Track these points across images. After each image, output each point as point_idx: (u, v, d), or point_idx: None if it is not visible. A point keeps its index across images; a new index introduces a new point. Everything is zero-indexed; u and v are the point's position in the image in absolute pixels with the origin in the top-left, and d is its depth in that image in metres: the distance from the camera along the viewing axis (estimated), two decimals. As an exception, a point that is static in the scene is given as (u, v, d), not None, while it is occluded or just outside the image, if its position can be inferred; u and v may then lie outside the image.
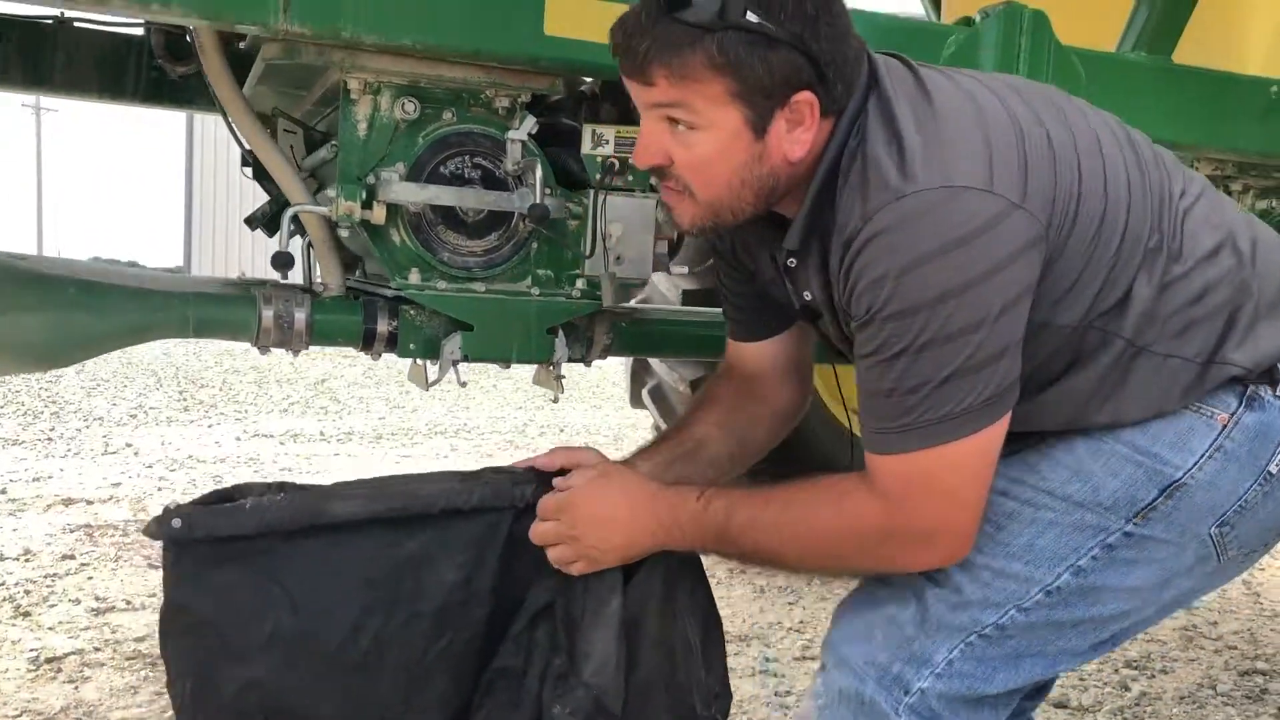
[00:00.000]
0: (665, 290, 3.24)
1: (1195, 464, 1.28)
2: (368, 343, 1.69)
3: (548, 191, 1.67)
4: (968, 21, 1.82)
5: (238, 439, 6.87)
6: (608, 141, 1.73)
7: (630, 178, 1.74)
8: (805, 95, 1.23)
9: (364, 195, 1.56)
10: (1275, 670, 3.42)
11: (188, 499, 1.36)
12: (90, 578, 3.86)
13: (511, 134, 1.64)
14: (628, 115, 1.75)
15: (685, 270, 2.05)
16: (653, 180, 1.40)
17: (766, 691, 2.95)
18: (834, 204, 1.27)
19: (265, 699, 1.27)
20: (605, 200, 1.70)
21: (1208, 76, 1.96)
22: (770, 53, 1.20)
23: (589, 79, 1.77)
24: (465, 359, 1.65)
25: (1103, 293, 1.26)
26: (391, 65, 1.56)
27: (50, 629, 3.33)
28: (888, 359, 1.20)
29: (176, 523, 1.26)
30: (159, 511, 1.28)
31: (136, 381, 9.64)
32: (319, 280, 1.69)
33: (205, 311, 1.61)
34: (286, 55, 1.52)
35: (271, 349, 1.66)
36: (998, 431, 1.22)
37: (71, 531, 4.49)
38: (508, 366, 1.76)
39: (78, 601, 3.59)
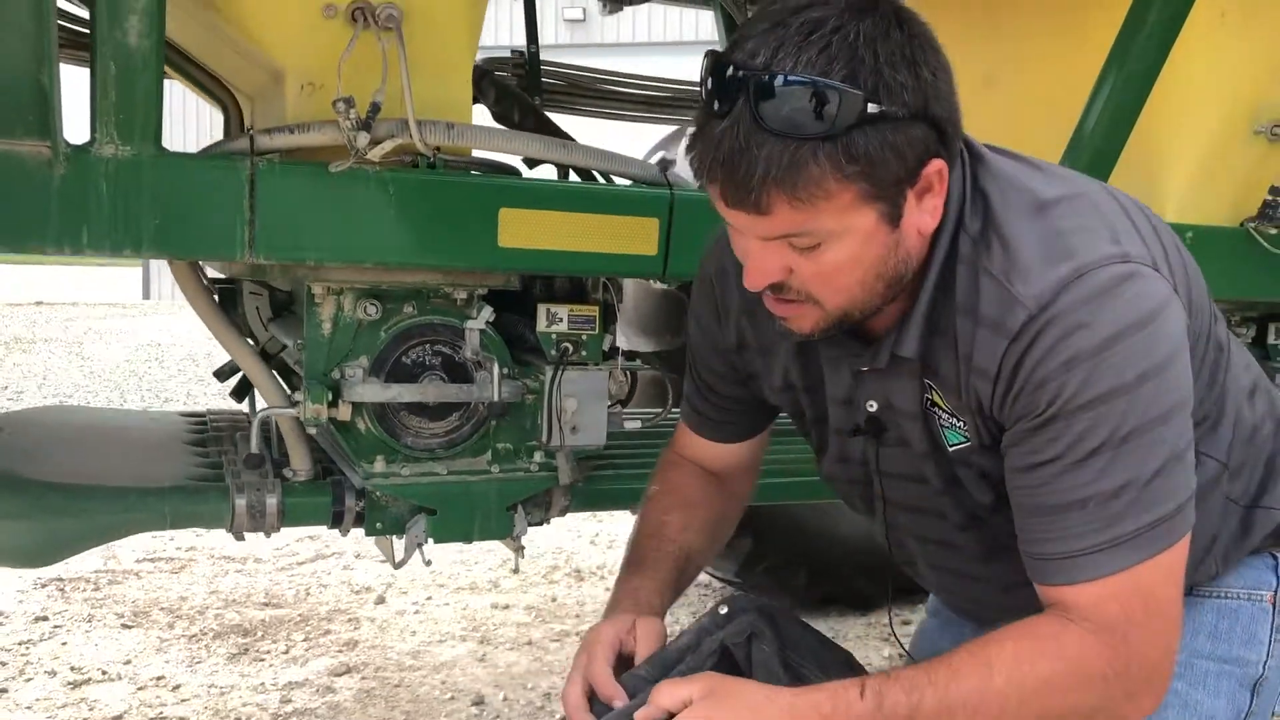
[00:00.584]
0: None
1: (1267, 653, 1.30)
2: (336, 522, 1.78)
3: (505, 372, 1.77)
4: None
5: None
6: (561, 319, 1.83)
7: (584, 352, 1.84)
8: (935, 164, 1.09)
9: (330, 396, 1.65)
10: None
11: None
12: (64, 643, 3.93)
13: (470, 324, 1.74)
14: (581, 293, 1.85)
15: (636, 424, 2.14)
16: (753, 290, 1.17)
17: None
18: (949, 293, 1.15)
19: None
20: (560, 376, 1.80)
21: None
22: (899, 138, 1.04)
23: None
24: (430, 540, 1.75)
25: (1196, 411, 1.15)
26: (354, 275, 1.65)
27: (28, 708, 3.41)
28: (1081, 459, 1.06)
29: None
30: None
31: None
32: (288, 468, 1.78)
33: (181, 507, 1.69)
34: (253, 272, 1.61)
35: (242, 533, 1.75)
36: (1184, 544, 1.10)
37: (43, 586, 4.55)
38: (469, 543, 1.87)
39: (54, 674, 3.66)
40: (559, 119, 3.18)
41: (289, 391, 1.78)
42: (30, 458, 1.77)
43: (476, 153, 1.67)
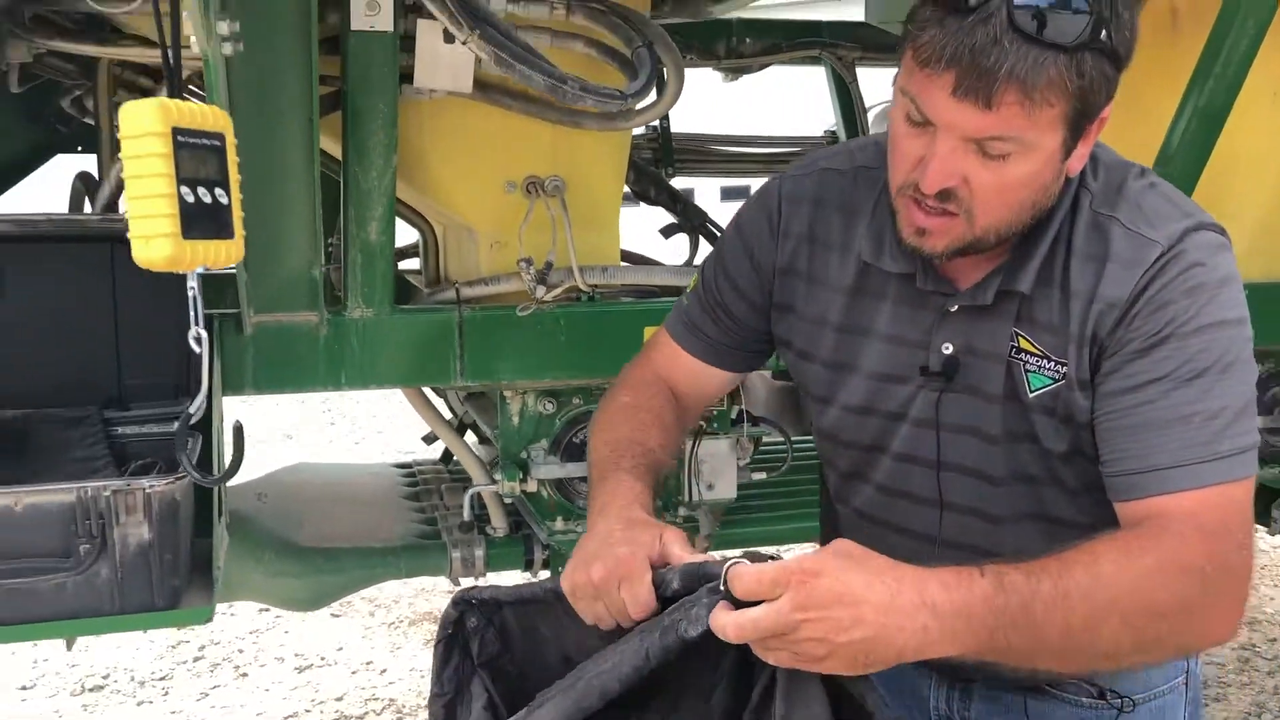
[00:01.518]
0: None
1: None
2: (528, 567, 2.27)
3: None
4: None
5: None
6: (698, 399, 2.26)
7: (715, 424, 2.26)
8: (1106, 111, 1.17)
9: (520, 474, 2.12)
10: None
11: None
12: (286, 632, 4.59)
13: (625, 410, 2.18)
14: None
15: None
16: (900, 193, 1.21)
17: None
18: (1063, 244, 1.23)
19: None
20: (697, 445, 2.23)
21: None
22: (1109, 72, 1.12)
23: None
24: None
25: None
26: (534, 384, 2.11)
27: (266, 690, 4.07)
28: (1190, 378, 1.14)
29: None
30: None
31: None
32: (490, 526, 2.27)
33: (411, 561, 2.20)
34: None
35: (459, 578, 2.25)
36: (1253, 483, 1.18)
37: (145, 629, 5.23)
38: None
39: (282, 660, 4.32)
40: (691, 181, 3.60)
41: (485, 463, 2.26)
42: (293, 521, 2.30)
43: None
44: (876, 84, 3.54)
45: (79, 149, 2.83)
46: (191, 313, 0.95)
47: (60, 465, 1.62)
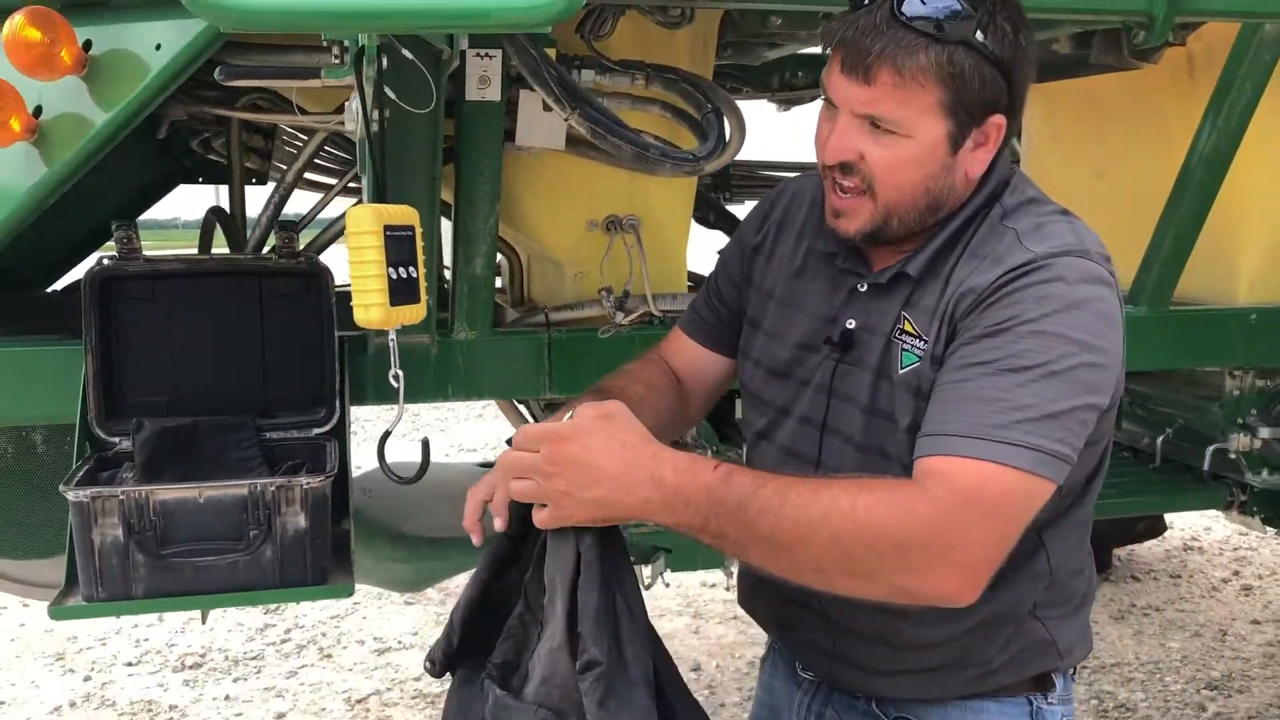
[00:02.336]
0: None
1: None
2: (603, 556, 2.57)
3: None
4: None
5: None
6: (754, 409, 2.55)
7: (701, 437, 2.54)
8: (998, 119, 1.32)
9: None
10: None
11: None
12: (365, 618, 4.94)
13: (690, 418, 2.48)
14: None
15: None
16: (824, 175, 1.38)
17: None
18: (960, 245, 1.35)
19: None
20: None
21: (1199, 316, 2.64)
22: (986, 72, 1.27)
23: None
24: (667, 570, 2.51)
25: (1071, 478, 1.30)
26: (612, 394, 2.42)
27: (349, 670, 4.41)
28: (1009, 370, 1.22)
29: None
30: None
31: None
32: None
33: (502, 550, 2.50)
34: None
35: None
36: (1046, 491, 1.22)
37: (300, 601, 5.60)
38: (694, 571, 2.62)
39: (363, 643, 4.67)
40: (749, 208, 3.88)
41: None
42: (398, 514, 2.62)
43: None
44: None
45: (200, 180, 3.18)
46: (392, 357, 1.25)
47: (223, 464, 1.93)
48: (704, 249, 3.22)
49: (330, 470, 1.84)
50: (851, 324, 1.42)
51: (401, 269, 1.12)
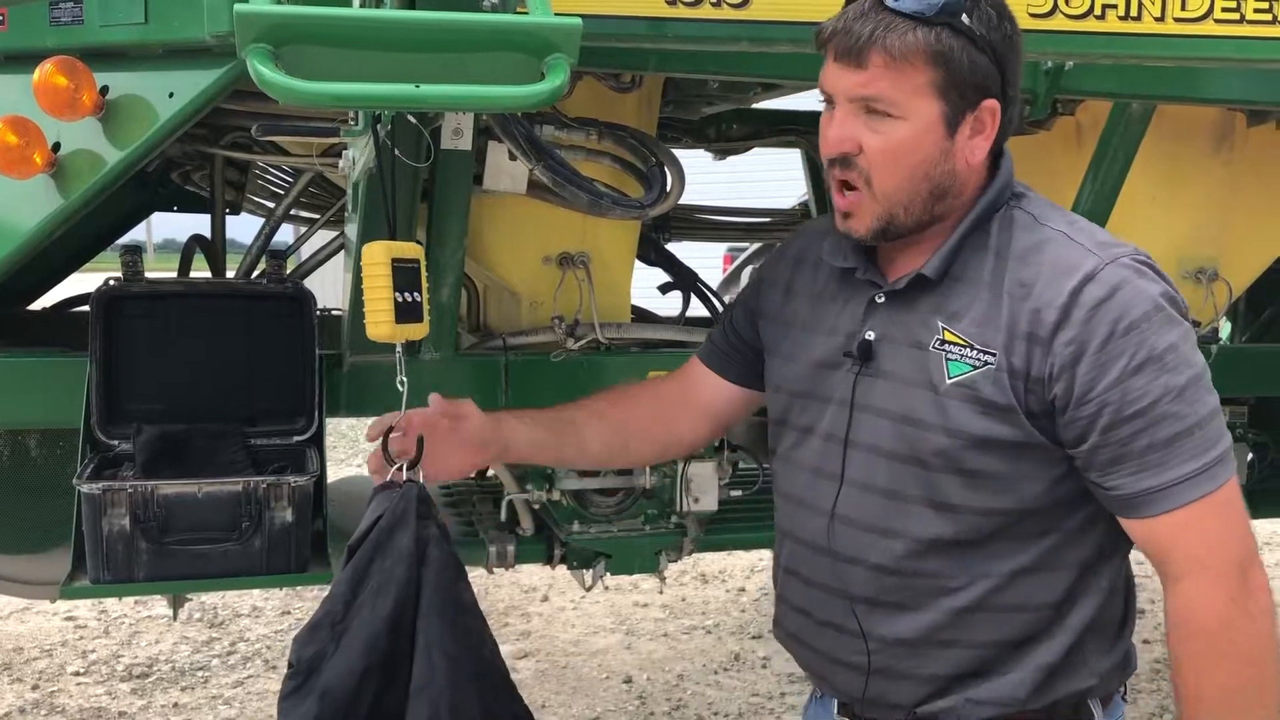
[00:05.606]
0: None
1: None
2: (548, 561, 2.82)
3: (651, 468, 2.77)
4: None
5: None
6: (688, 429, 2.82)
7: (702, 451, 2.82)
8: (991, 104, 1.34)
9: (547, 485, 2.68)
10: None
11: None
12: (309, 632, 5.10)
13: (630, 436, 2.75)
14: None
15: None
16: (829, 179, 1.42)
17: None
18: (983, 248, 1.37)
19: None
20: (687, 466, 2.80)
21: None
22: (975, 57, 1.30)
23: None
24: (607, 574, 2.77)
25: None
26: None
27: (295, 680, 4.57)
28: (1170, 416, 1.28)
29: None
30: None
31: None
32: (519, 527, 2.82)
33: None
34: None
35: (493, 569, 2.80)
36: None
37: (283, 587, 5.77)
38: (631, 575, 2.88)
39: (307, 655, 4.83)
40: (685, 246, 4.18)
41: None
42: (358, 520, 2.84)
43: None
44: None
45: (174, 208, 3.40)
46: (399, 366, 1.50)
47: (214, 465, 2.16)
48: (646, 284, 3.51)
49: (314, 471, 2.08)
50: (871, 335, 1.43)
51: (407, 294, 1.38)
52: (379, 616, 1.40)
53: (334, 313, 2.84)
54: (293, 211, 2.81)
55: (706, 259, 4.46)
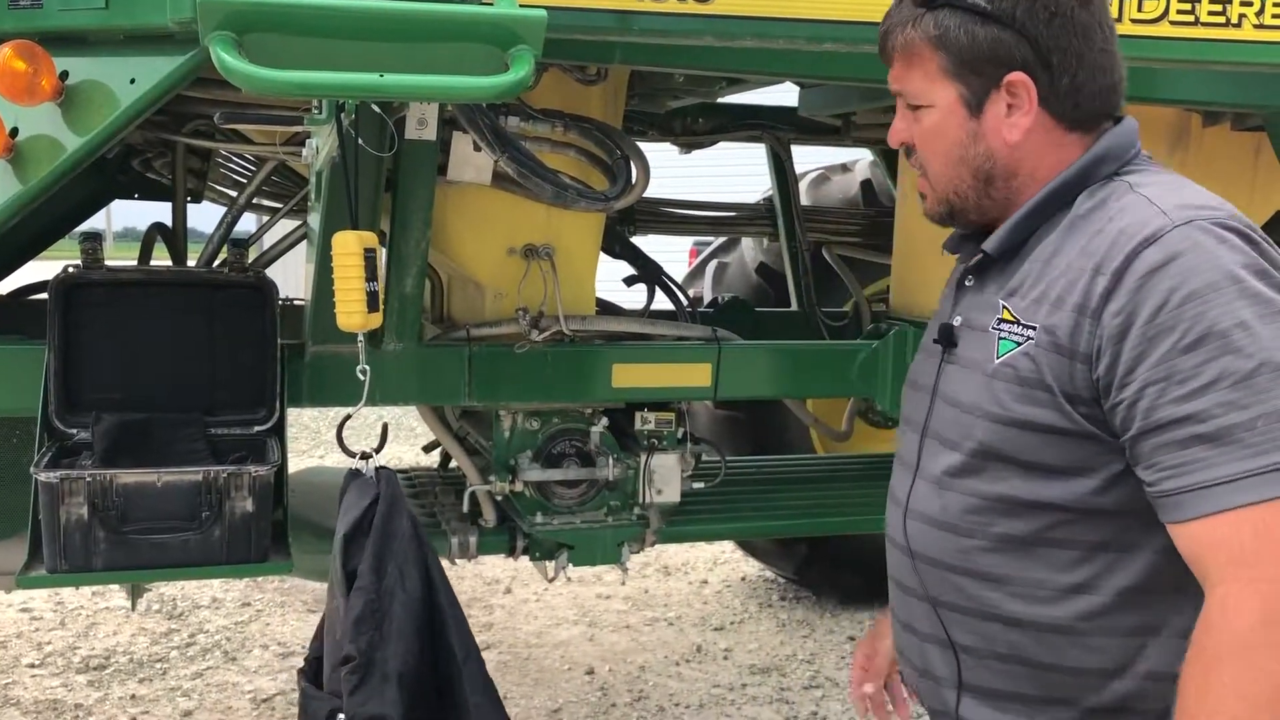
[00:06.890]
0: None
1: None
2: (510, 552, 2.82)
3: (615, 459, 2.78)
4: (876, 333, 2.89)
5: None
6: (650, 422, 2.84)
7: (665, 443, 2.84)
8: (1018, 76, 1.27)
9: (510, 476, 2.69)
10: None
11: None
12: (268, 624, 5.08)
13: (593, 429, 2.76)
14: (664, 405, 2.86)
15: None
16: (893, 145, 1.43)
17: (781, 718, 4.08)
18: (1063, 218, 1.28)
19: None
20: (650, 458, 2.81)
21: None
22: (979, 28, 1.26)
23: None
24: (570, 565, 2.78)
25: None
26: (524, 405, 2.68)
27: (254, 672, 4.55)
28: (1209, 382, 1.11)
29: None
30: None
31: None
32: (481, 519, 2.82)
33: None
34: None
35: (455, 560, 2.80)
36: None
37: (243, 579, 5.72)
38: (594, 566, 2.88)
39: (266, 647, 4.81)
40: (651, 239, 4.19)
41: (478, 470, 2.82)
42: (320, 511, 2.83)
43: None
44: (807, 158, 4.18)
45: (135, 196, 3.36)
46: (361, 355, 1.51)
47: (174, 455, 2.15)
48: (611, 277, 3.52)
49: (275, 461, 2.07)
50: (957, 320, 1.39)
51: (370, 283, 1.38)
52: (414, 597, 1.58)
53: (296, 303, 2.83)
54: (255, 200, 2.79)
55: (672, 253, 4.49)
